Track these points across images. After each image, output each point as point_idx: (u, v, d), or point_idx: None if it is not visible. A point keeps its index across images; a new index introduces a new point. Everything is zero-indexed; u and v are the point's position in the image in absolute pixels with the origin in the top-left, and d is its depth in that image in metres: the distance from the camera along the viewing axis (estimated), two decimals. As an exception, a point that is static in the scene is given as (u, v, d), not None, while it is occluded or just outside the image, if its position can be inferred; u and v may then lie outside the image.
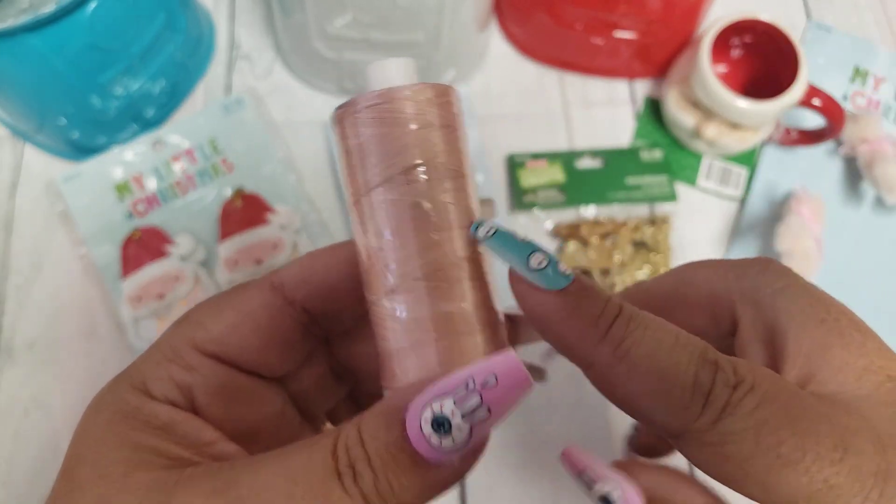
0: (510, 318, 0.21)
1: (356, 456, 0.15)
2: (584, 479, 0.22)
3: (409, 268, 0.17)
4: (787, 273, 0.19)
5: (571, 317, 0.16)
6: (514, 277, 0.16)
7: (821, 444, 0.15)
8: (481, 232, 0.17)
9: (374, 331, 0.18)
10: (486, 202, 0.23)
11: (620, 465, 0.21)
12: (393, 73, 0.18)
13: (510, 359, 0.15)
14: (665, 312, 0.17)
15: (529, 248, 0.16)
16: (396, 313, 0.17)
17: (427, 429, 0.15)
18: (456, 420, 0.15)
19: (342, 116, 0.18)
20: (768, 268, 0.20)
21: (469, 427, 0.15)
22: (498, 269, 0.18)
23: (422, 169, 0.17)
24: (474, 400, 0.15)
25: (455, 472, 0.16)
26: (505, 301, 0.19)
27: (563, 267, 0.16)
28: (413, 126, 0.17)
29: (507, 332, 0.19)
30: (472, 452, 0.16)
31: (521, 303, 0.17)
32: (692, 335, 0.16)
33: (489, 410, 0.15)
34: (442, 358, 0.17)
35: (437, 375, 0.16)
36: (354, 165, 0.18)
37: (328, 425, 0.25)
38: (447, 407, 0.15)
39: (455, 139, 0.18)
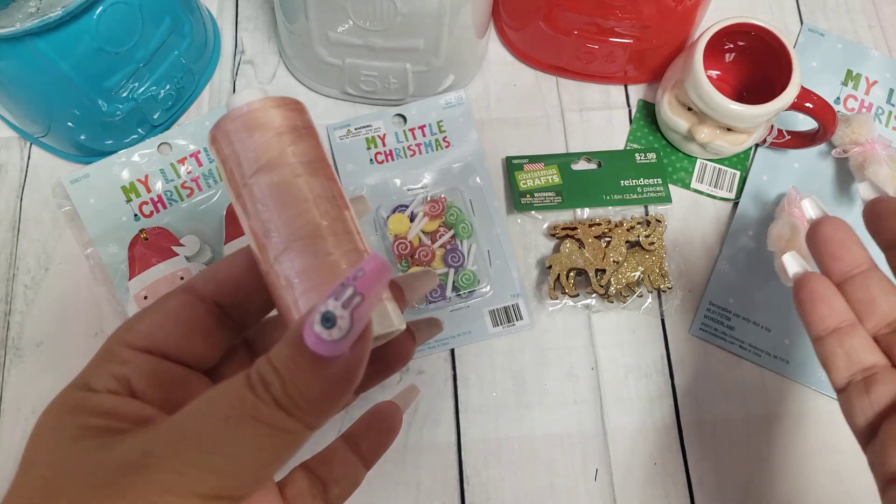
0: (394, 282, 0.25)
1: (265, 371, 0.18)
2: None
3: (287, 232, 0.21)
4: None
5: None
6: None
7: None
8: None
9: (274, 300, 0.21)
10: (358, 199, 0.26)
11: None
12: (247, 97, 0.22)
13: (373, 255, 0.18)
14: None
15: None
16: (285, 271, 0.21)
17: (318, 327, 0.17)
18: (337, 310, 0.17)
19: (215, 134, 0.22)
20: None
21: (350, 314, 0.17)
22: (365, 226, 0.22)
23: (283, 157, 0.21)
24: (349, 291, 0.17)
25: (348, 363, 0.18)
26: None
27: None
28: (271, 127, 0.22)
29: (397, 299, 0.23)
30: (359, 341, 0.18)
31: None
32: None
33: (362, 295, 0.17)
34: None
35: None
36: (231, 170, 0.22)
37: None
38: (330, 304, 0.17)
39: (306, 136, 0.22)
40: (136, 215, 0.47)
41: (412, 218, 0.49)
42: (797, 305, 0.28)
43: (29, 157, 0.51)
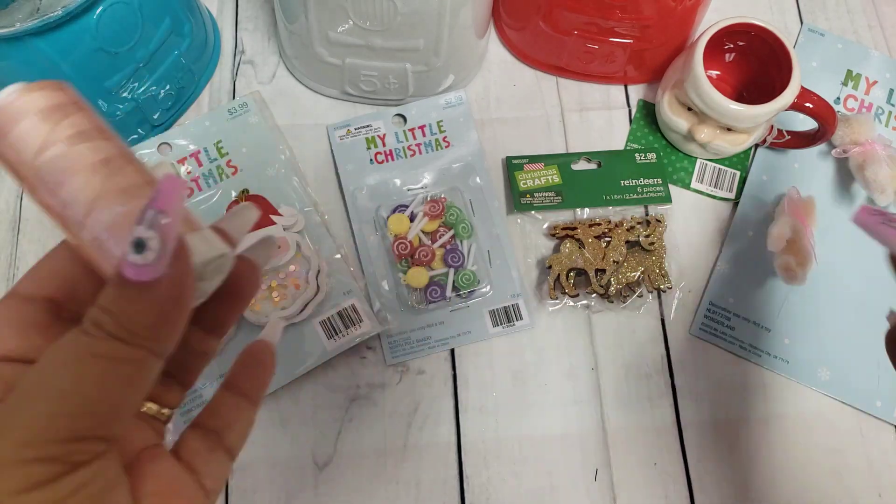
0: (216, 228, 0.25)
1: (95, 315, 0.18)
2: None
3: (82, 197, 0.21)
4: None
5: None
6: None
7: None
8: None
9: (98, 270, 0.21)
10: (161, 166, 0.26)
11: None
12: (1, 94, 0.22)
13: (164, 175, 0.18)
14: None
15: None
16: (93, 234, 0.20)
17: (132, 256, 0.17)
18: (145, 234, 0.17)
19: None
20: None
21: (157, 235, 0.17)
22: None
23: (55, 133, 0.21)
24: (151, 213, 0.17)
25: (174, 279, 0.18)
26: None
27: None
28: (34, 111, 0.21)
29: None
30: (174, 256, 0.18)
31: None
32: None
33: (165, 213, 0.17)
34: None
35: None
36: (15, 163, 0.22)
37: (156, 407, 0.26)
38: (137, 231, 0.17)
39: (75, 110, 0.22)
40: (136, 215, 0.47)
41: (412, 218, 0.49)
42: None
43: (29, 158, 0.51)
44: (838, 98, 0.56)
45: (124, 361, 0.18)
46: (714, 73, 0.53)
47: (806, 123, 0.51)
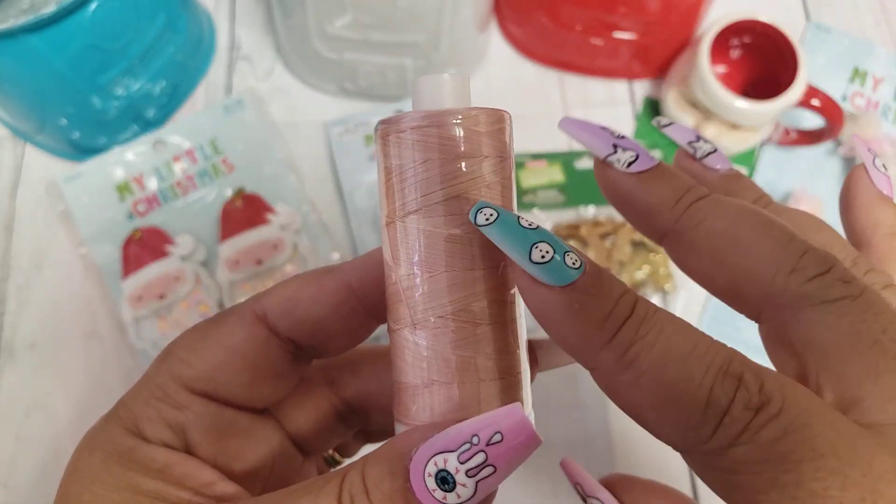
0: (532, 344, 0.21)
1: (358, 497, 0.15)
2: (578, 490, 0.21)
3: (437, 303, 0.17)
4: (849, 286, 0.15)
5: (575, 317, 0.14)
6: (516, 269, 0.15)
7: (847, 492, 0.13)
8: (480, 218, 0.15)
9: (392, 359, 0.18)
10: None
11: (612, 481, 0.21)
12: (445, 91, 0.17)
13: (517, 414, 0.14)
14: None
15: (533, 238, 0.15)
16: (418, 348, 0.17)
17: (431, 483, 0.14)
18: (460, 477, 0.14)
19: (386, 133, 0.17)
20: (829, 275, 0.15)
21: (475, 484, 0.14)
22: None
23: (463, 201, 0.16)
24: (479, 458, 0.14)
25: None
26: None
27: (573, 258, 0.15)
28: (460, 155, 0.16)
29: (530, 362, 0.19)
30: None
31: (524, 297, 0.15)
32: (717, 342, 0.14)
33: (494, 468, 0.14)
34: (456, 403, 0.17)
35: (447, 421, 0.15)
36: (392, 186, 0.17)
37: (337, 456, 0.24)
38: (451, 463, 0.14)
39: (502, 171, 0.17)
40: (130, 214, 0.47)
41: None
42: None
43: (22, 156, 0.50)
44: (845, 95, 0.55)
45: None
46: (720, 69, 0.52)
47: (813, 121, 0.50)
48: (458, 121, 0.16)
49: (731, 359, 0.14)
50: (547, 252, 0.15)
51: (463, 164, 0.16)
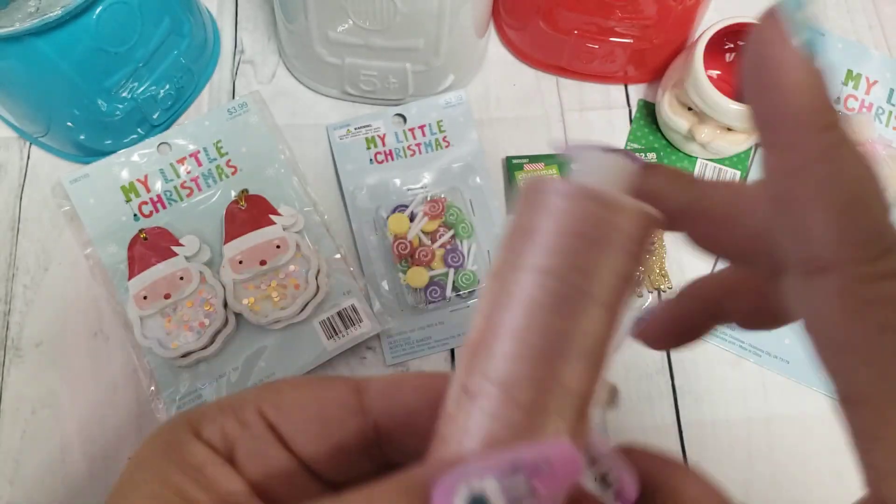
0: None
1: None
2: (585, 456, 0.20)
3: (513, 370, 0.15)
4: None
5: (815, 85, 0.13)
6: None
7: None
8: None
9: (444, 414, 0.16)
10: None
11: (620, 450, 0.20)
12: (607, 172, 0.16)
13: (565, 445, 0.13)
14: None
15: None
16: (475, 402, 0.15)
17: None
18: (496, 500, 0.12)
19: (535, 187, 0.16)
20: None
21: None
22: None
23: (583, 284, 0.15)
24: (523, 486, 0.12)
25: None
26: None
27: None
28: (601, 242, 0.15)
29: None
30: None
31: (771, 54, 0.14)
32: None
33: (537, 498, 0.13)
34: (508, 434, 0.15)
35: (491, 450, 0.14)
36: (516, 242, 0.16)
37: None
38: (490, 488, 0.12)
39: (631, 276, 0.16)
40: (135, 215, 0.47)
41: (412, 218, 0.49)
42: None
43: (28, 157, 0.51)
44: (838, 98, 0.55)
45: None
46: (714, 72, 0.53)
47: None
48: (618, 206, 0.15)
49: None
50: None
51: (599, 252, 0.15)
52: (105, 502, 0.17)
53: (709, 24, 0.48)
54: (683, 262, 0.50)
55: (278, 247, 0.46)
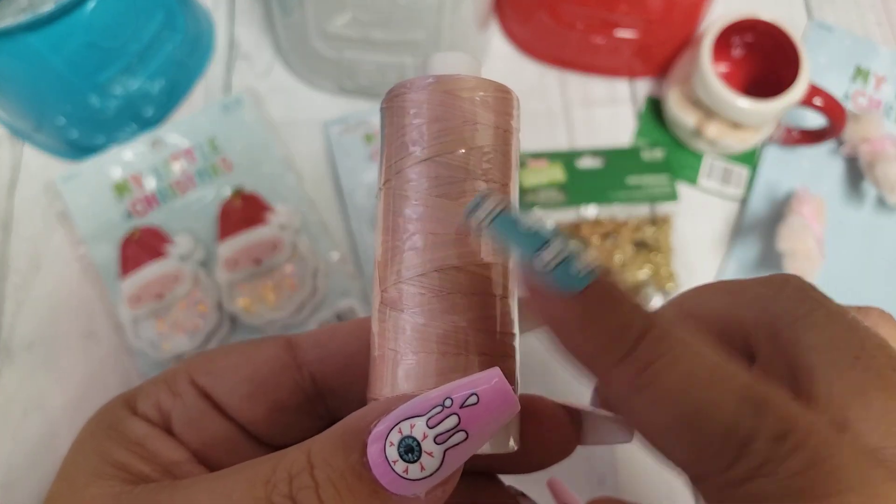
0: (570, 412, 0.20)
1: (301, 485, 0.13)
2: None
3: (422, 261, 0.16)
4: (809, 295, 0.16)
5: (587, 328, 0.14)
6: (523, 272, 0.14)
7: None
8: (480, 213, 0.14)
9: (371, 333, 0.17)
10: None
11: (601, 502, 0.20)
12: (456, 64, 0.17)
13: (494, 376, 0.13)
14: None
15: (539, 241, 0.14)
16: (400, 316, 0.16)
17: (393, 453, 0.13)
18: (427, 444, 0.13)
19: (396, 93, 0.17)
20: (784, 289, 0.16)
21: (442, 452, 0.13)
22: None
23: (462, 156, 0.16)
24: (451, 420, 0.13)
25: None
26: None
27: (582, 264, 0.14)
28: (467, 115, 0.16)
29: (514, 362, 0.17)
30: (441, 485, 0.13)
31: (532, 303, 0.14)
32: (736, 364, 0.14)
33: (466, 433, 0.13)
34: (434, 375, 0.15)
35: (418, 392, 0.14)
36: (393, 145, 0.17)
37: None
38: (418, 428, 0.13)
39: (503, 143, 0.17)
40: (128, 214, 0.46)
41: (412, 216, 0.48)
42: None
43: (20, 156, 0.50)
44: (847, 94, 0.55)
45: None
46: (722, 68, 0.52)
47: (815, 120, 0.50)
48: (470, 84, 0.16)
49: (753, 384, 0.13)
50: (555, 258, 0.13)
51: (465, 127, 0.16)
52: (51, 487, 0.17)
53: (716, 18, 0.48)
54: (690, 263, 0.49)
55: (274, 246, 0.45)
